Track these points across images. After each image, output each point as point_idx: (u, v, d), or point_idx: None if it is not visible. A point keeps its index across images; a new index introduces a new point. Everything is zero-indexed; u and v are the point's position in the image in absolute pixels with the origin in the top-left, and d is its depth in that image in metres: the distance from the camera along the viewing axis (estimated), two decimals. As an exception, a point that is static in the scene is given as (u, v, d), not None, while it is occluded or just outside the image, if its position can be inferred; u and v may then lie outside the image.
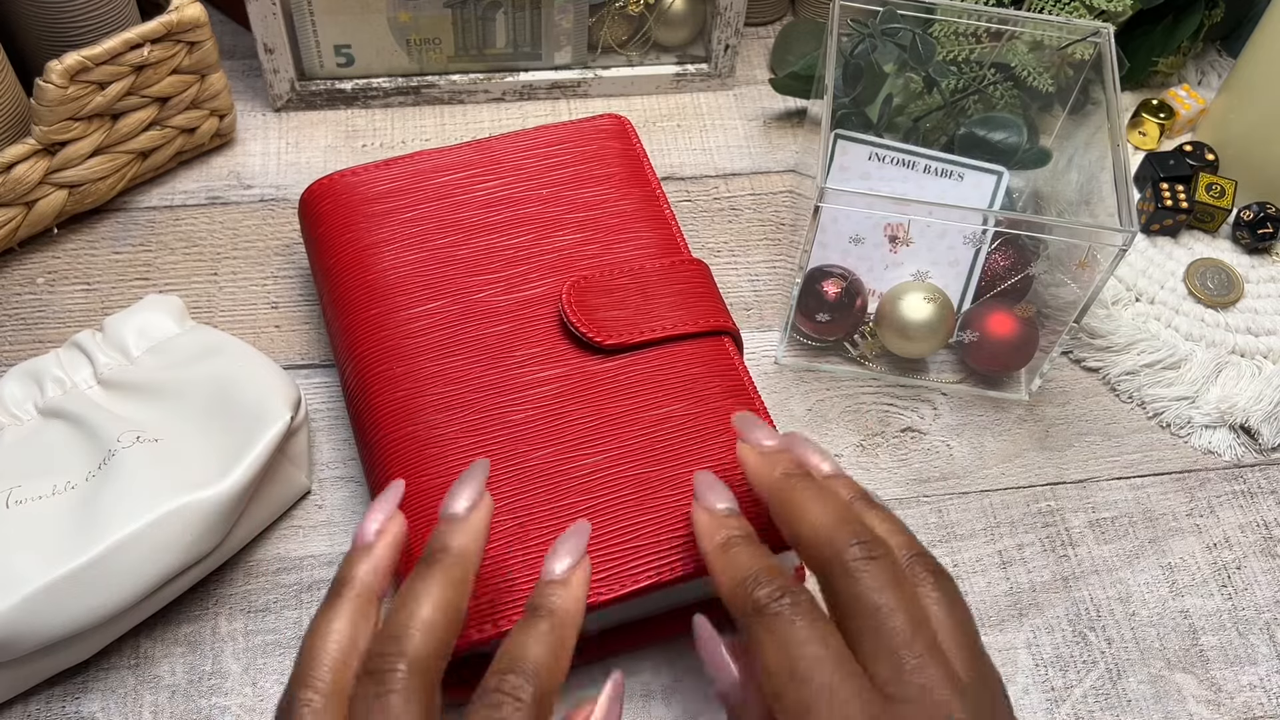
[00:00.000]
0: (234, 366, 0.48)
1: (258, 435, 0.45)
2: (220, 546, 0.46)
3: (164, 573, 0.43)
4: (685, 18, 0.67)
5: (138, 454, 0.44)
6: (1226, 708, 0.48)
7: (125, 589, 0.42)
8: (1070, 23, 0.57)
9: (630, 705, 0.46)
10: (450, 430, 0.45)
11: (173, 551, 0.43)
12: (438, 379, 0.46)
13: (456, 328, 0.48)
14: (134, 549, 0.42)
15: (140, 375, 0.48)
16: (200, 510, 0.43)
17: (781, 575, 0.35)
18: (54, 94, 0.52)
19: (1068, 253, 0.52)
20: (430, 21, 0.64)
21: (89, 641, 0.44)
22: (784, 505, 0.37)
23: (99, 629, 0.43)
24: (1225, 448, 0.56)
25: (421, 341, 0.47)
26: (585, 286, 0.48)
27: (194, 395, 0.47)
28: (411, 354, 0.47)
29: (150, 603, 0.44)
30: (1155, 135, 0.67)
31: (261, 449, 0.45)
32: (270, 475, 0.47)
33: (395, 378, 0.47)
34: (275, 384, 0.48)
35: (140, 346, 0.49)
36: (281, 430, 0.46)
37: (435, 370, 0.46)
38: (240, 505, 0.45)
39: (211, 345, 0.49)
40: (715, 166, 0.66)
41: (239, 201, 0.62)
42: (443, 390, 0.46)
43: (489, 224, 0.51)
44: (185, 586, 0.46)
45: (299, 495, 0.50)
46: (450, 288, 0.49)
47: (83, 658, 0.44)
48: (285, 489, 0.49)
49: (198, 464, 0.44)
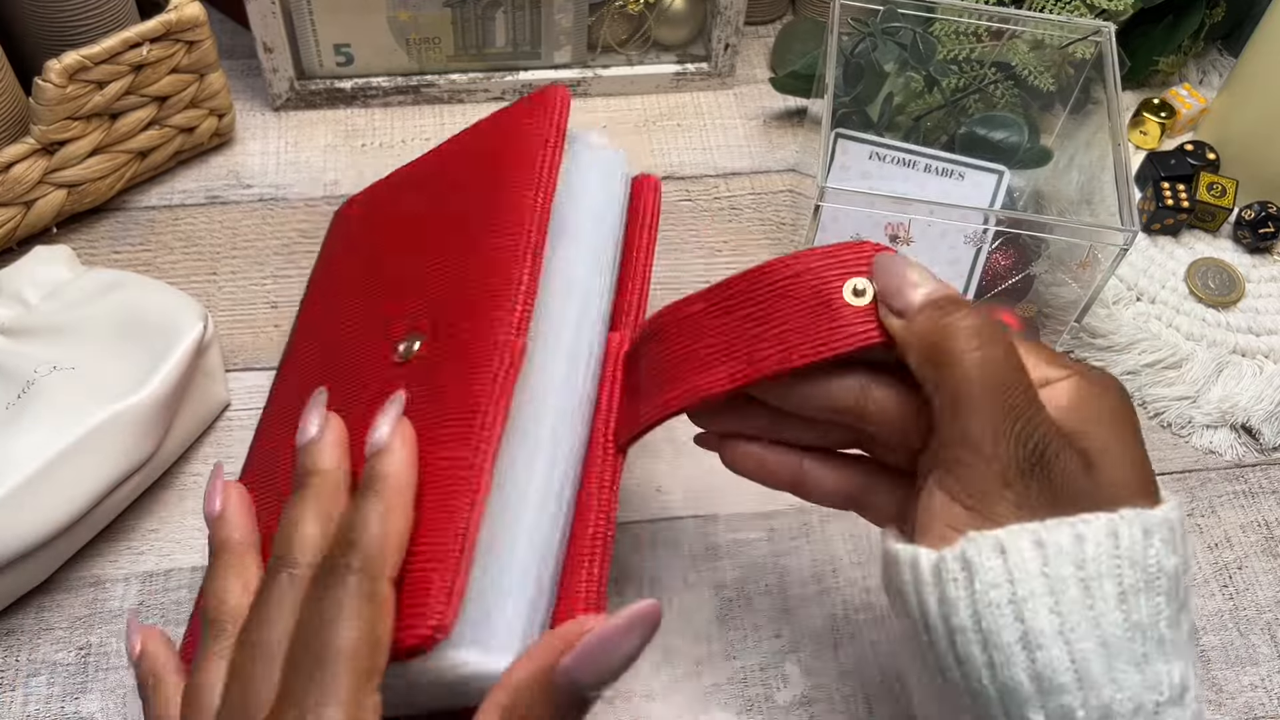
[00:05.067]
0: (138, 295, 0.50)
1: (173, 346, 0.47)
2: (153, 459, 0.48)
3: (103, 484, 0.45)
4: (685, 17, 0.67)
5: (56, 380, 0.46)
6: (1228, 708, 0.48)
7: (68, 503, 0.44)
8: (1071, 22, 0.57)
9: (629, 705, 0.46)
10: (287, 451, 0.41)
11: (108, 462, 0.45)
12: (300, 402, 0.41)
13: (328, 354, 0.45)
14: (70, 463, 0.44)
15: (44, 319, 0.49)
16: (127, 419, 0.45)
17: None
18: (53, 93, 0.52)
19: (1069, 252, 0.52)
20: (430, 20, 0.64)
21: (42, 562, 0.45)
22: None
23: (50, 547, 0.45)
24: (1226, 447, 0.56)
25: (301, 363, 0.47)
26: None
27: (103, 325, 0.48)
28: (289, 375, 0.47)
29: (98, 516, 0.46)
30: (1156, 134, 0.67)
31: (178, 357, 0.47)
32: (190, 390, 0.49)
33: (277, 395, 0.48)
34: (181, 303, 0.50)
35: (37, 295, 0.50)
36: (195, 339, 0.48)
37: (300, 392, 0.43)
38: (166, 414, 0.47)
39: (111, 282, 0.50)
40: (715, 166, 0.66)
41: (238, 201, 0.62)
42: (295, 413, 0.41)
43: (396, 244, 0.47)
44: (128, 500, 0.48)
45: (220, 409, 0.53)
46: (338, 315, 0.46)
47: (39, 579, 0.46)
48: (206, 403, 0.51)
49: (117, 380, 0.46)
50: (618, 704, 0.46)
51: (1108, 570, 0.30)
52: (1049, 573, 0.30)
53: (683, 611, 0.48)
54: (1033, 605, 0.30)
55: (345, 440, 0.37)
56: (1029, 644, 0.30)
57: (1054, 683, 0.30)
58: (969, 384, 0.32)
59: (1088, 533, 0.31)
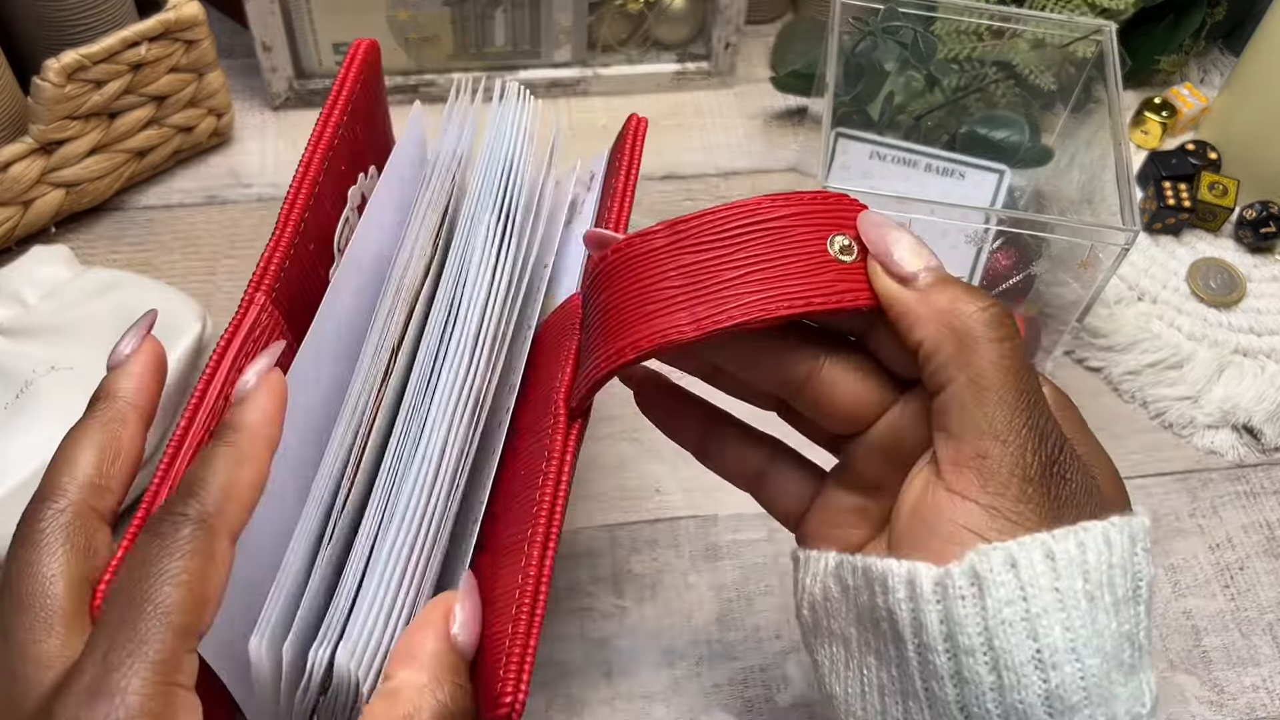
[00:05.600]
0: (137, 294, 0.50)
1: (171, 346, 0.47)
2: (153, 459, 0.47)
3: None
4: (685, 15, 0.67)
5: (55, 380, 0.46)
6: (1229, 709, 0.48)
7: None
8: (1072, 20, 0.57)
9: (630, 706, 0.46)
10: None
11: None
12: None
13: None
14: None
15: (43, 319, 0.49)
16: None
17: None
18: (51, 92, 0.52)
19: (1070, 252, 0.52)
20: (429, 19, 0.64)
21: None
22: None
23: None
24: (1228, 448, 0.56)
25: None
26: None
27: (102, 325, 0.48)
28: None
29: None
30: (1157, 134, 0.67)
31: (177, 356, 0.47)
32: (189, 389, 0.49)
33: None
34: (181, 303, 0.50)
35: (36, 295, 0.50)
36: (194, 339, 0.48)
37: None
38: (164, 414, 0.47)
39: (109, 281, 0.50)
40: (716, 165, 0.65)
41: (237, 201, 0.62)
42: None
43: None
44: (127, 499, 0.47)
45: None
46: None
47: None
48: None
49: None
50: (618, 704, 0.46)
51: (1105, 580, 0.29)
52: (1060, 586, 0.29)
53: (683, 612, 0.48)
54: (1047, 622, 0.28)
55: (159, 368, 0.34)
56: (1042, 663, 0.28)
57: (1066, 703, 0.28)
58: (1000, 372, 0.30)
59: (1088, 540, 0.29)
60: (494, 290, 0.38)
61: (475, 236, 0.39)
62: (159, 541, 0.29)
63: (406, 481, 0.35)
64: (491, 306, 0.37)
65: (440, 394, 0.36)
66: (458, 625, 0.32)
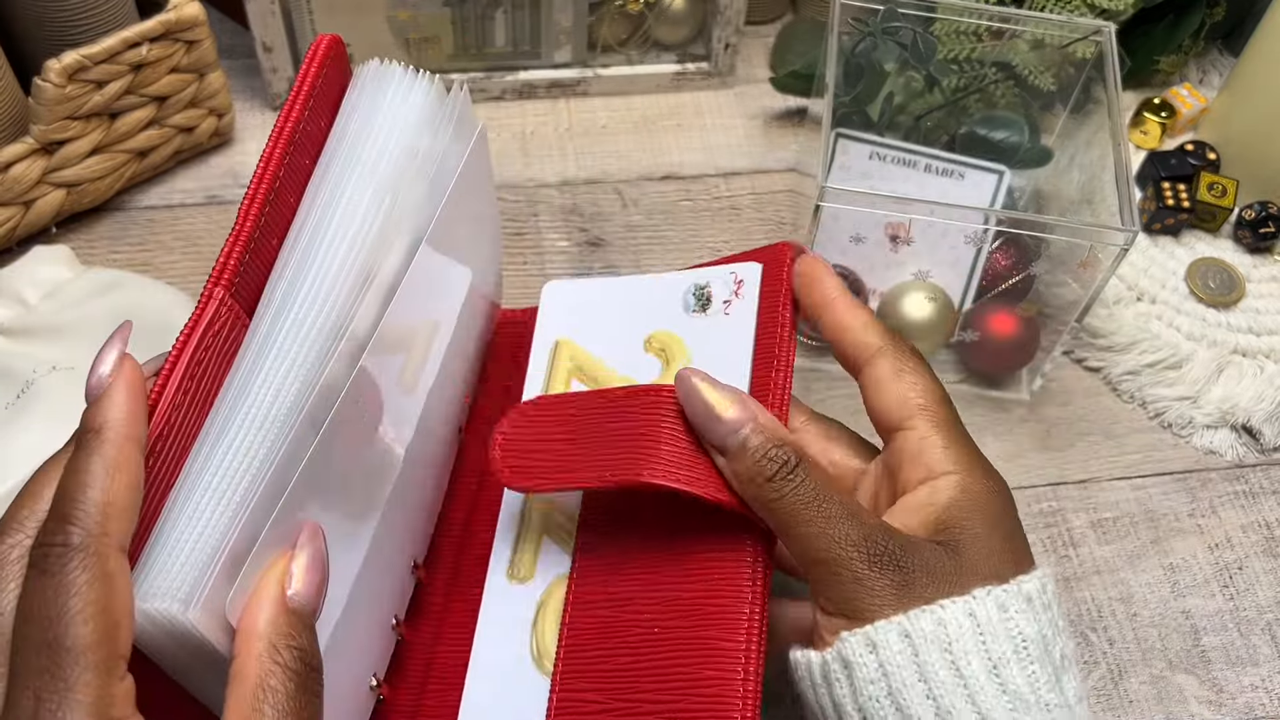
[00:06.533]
0: (137, 294, 0.50)
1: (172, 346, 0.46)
2: None
3: None
4: (685, 16, 0.67)
5: (56, 380, 0.46)
6: (1228, 708, 0.48)
7: None
8: (1072, 21, 0.57)
9: (630, 706, 0.46)
10: None
11: None
12: None
13: None
14: None
15: (44, 319, 0.49)
16: None
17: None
18: (52, 93, 0.52)
19: (1069, 252, 0.52)
20: (429, 20, 0.64)
21: None
22: None
23: None
24: (1227, 448, 0.56)
25: None
26: None
27: (102, 325, 0.48)
28: None
29: None
30: (1157, 134, 0.67)
31: None
32: None
33: None
34: (181, 303, 0.50)
35: (37, 295, 0.50)
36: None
37: None
38: None
39: (110, 281, 0.50)
40: (715, 165, 0.65)
41: (238, 201, 0.61)
42: None
43: None
44: None
45: None
46: None
47: None
48: None
49: None
50: (618, 704, 0.46)
51: (973, 648, 0.32)
52: (919, 661, 0.32)
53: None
54: (907, 695, 0.32)
55: (140, 387, 0.31)
56: None
57: None
58: (791, 517, 0.34)
59: (947, 616, 0.33)
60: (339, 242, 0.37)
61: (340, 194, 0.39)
62: (50, 580, 0.27)
63: (231, 425, 0.33)
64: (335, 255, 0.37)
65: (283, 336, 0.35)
66: (294, 582, 0.31)
